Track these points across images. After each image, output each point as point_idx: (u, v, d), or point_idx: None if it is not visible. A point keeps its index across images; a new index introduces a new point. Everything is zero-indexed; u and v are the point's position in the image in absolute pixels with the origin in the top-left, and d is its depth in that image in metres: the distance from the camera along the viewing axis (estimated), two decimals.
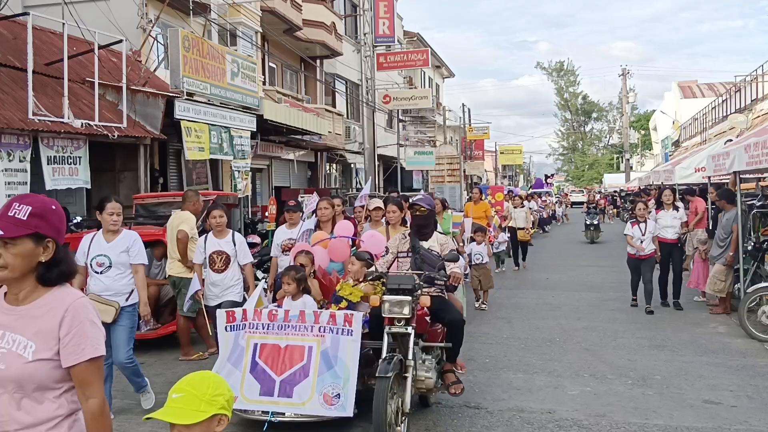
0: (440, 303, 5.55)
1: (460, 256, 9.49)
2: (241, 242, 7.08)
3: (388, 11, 28.18)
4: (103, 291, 5.62)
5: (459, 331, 5.58)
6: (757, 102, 20.17)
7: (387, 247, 5.88)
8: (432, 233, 5.80)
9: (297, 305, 5.60)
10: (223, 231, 7.05)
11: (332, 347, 5.11)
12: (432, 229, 5.84)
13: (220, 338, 5.43)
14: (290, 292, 5.69)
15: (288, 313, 5.29)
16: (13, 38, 11.60)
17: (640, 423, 5.40)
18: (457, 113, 45.92)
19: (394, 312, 5.00)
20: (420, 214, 5.77)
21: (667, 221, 10.37)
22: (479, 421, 5.51)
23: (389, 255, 5.77)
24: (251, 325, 5.32)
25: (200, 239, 7.12)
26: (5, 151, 9.17)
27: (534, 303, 11.08)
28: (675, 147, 37.20)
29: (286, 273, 5.81)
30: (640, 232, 10.03)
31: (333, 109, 23.75)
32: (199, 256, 7.07)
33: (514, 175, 73.69)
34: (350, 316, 5.16)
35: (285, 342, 5.20)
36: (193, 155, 12.91)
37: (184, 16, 14.82)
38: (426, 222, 5.79)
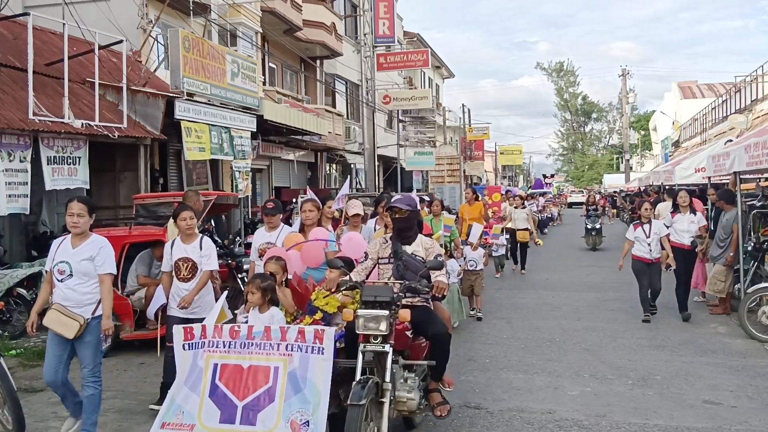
0: (424, 314, 5.07)
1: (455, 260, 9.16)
2: (209, 247, 6.26)
3: (388, 11, 28.18)
4: (63, 301, 5.11)
5: (444, 346, 5.10)
6: (757, 102, 20.17)
7: (366, 253, 5.34)
8: (416, 236, 5.27)
9: (264, 319, 5.07)
10: (192, 235, 6.27)
11: (301, 367, 4.53)
12: (415, 231, 5.30)
13: (177, 358, 4.80)
14: (253, 302, 5.16)
15: (252, 330, 4.70)
16: (13, 38, 11.61)
17: (641, 423, 5.40)
18: (457, 113, 45.95)
19: (369, 328, 4.53)
20: (400, 216, 5.19)
21: (684, 225, 9.73)
22: (479, 422, 5.52)
23: (368, 261, 5.24)
24: (211, 343, 4.71)
25: (167, 245, 6.37)
26: (6, 152, 9.17)
27: (534, 303, 11.08)
28: (675, 147, 37.20)
29: (251, 281, 5.27)
30: (644, 234, 9.30)
31: (333, 110, 23.76)
32: (167, 263, 6.28)
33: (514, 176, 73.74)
34: (321, 332, 4.56)
35: (248, 362, 4.61)
36: (193, 155, 12.91)
37: (185, 17, 14.82)
38: (407, 224, 5.22)
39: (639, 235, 9.34)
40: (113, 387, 6.69)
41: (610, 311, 10.22)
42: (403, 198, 5.39)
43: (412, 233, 5.26)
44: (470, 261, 9.98)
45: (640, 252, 9.34)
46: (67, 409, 5.31)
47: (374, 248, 5.30)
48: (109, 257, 5.22)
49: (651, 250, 9.25)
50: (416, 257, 5.13)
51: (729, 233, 9.31)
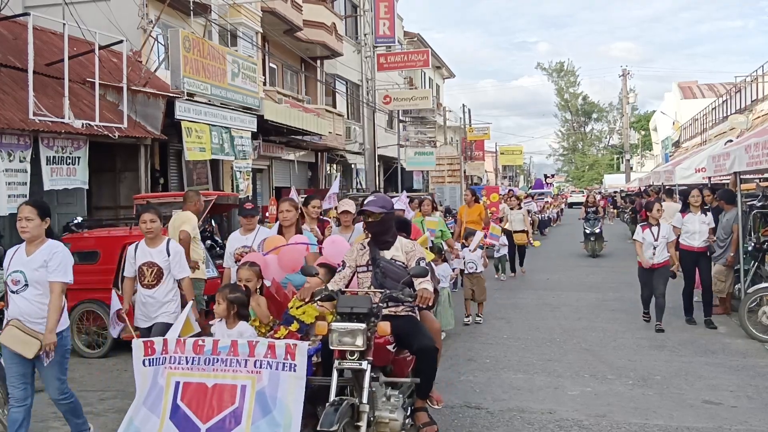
0: (409, 325, 4.66)
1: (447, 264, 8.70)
2: (177, 252, 5.80)
3: (389, 12, 28.21)
4: (20, 315, 4.63)
5: (430, 362, 4.63)
6: (758, 102, 20.17)
7: (343, 261, 4.88)
8: (394, 240, 4.83)
9: (232, 335, 4.60)
10: (156, 238, 5.80)
11: (270, 386, 4.11)
12: (394, 235, 4.85)
13: (136, 375, 4.36)
14: (219, 313, 4.70)
15: (217, 344, 4.25)
16: (13, 39, 11.62)
17: (641, 423, 5.40)
18: (457, 114, 45.97)
19: (344, 343, 4.11)
20: (373, 220, 4.73)
21: (695, 226, 9.05)
22: (480, 422, 5.52)
23: (346, 269, 4.82)
24: (173, 358, 4.27)
25: (130, 248, 5.90)
26: (6, 152, 9.19)
27: (534, 303, 11.08)
28: (675, 147, 37.21)
29: (220, 291, 4.80)
30: (652, 237, 8.76)
31: (333, 110, 23.77)
32: (129, 268, 5.87)
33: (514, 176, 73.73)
34: (293, 346, 4.12)
35: (213, 380, 4.18)
36: (193, 155, 12.92)
37: (185, 17, 14.83)
38: (382, 228, 4.76)
39: (646, 237, 8.83)
40: (113, 387, 6.70)
41: (610, 311, 10.22)
42: (376, 200, 4.83)
43: (390, 237, 4.82)
44: (469, 263, 9.54)
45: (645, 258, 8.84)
46: None
47: (351, 255, 4.87)
48: (64, 263, 4.75)
49: (655, 255, 8.75)
50: (396, 263, 4.73)
51: (729, 233, 9.30)
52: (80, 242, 8.66)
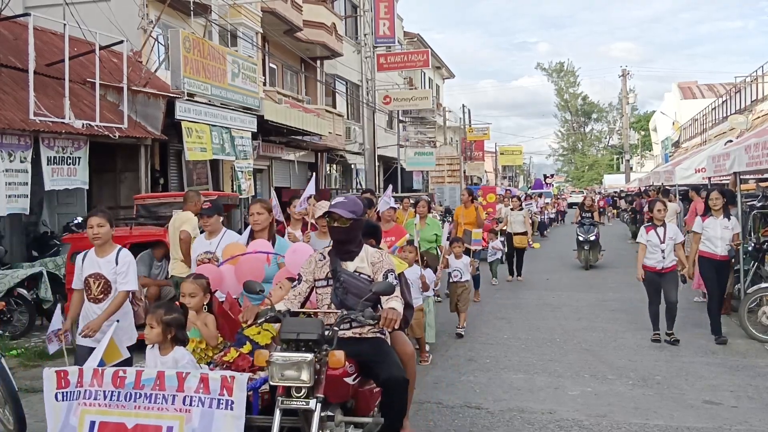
0: (376, 351, 3.99)
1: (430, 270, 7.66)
2: (127, 262, 5.07)
3: (389, 12, 28.23)
4: None
5: (399, 395, 3.95)
6: (757, 103, 20.18)
7: (300, 274, 4.19)
8: (360, 249, 4.14)
9: (166, 364, 3.93)
10: (106, 246, 5.07)
11: (202, 427, 3.49)
12: (359, 244, 4.16)
13: (47, 410, 3.72)
14: (152, 339, 3.99)
15: (141, 376, 3.59)
16: (14, 39, 11.62)
17: (641, 423, 5.41)
18: (457, 114, 45.99)
19: (287, 378, 3.43)
20: (339, 226, 4.03)
21: (717, 231, 8.07)
22: (480, 422, 5.52)
23: (302, 284, 4.13)
24: (88, 392, 3.61)
25: (78, 257, 5.18)
26: (6, 152, 9.19)
27: (534, 303, 11.08)
28: (675, 148, 37.22)
29: (152, 311, 4.05)
30: (659, 239, 7.98)
31: (333, 110, 23.78)
32: (76, 279, 5.16)
33: (514, 176, 73.73)
34: (230, 379, 3.48)
35: (134, 420, 3.54)
36: (194, 156, 12.93)
37: (185, 17, 14.84)
38: (348, 236, 4.06)
39: (652, 239, 8.03)
40: None
41: (611, 311, 10.22)
42: (346, 202, 4.09)
43: (355, 246, 4.13)
44: (454, 270, 8.76)
45: (650, 260, 8.06)
46: None
47: (308, 267, 4.15)
48: None
49: (664, 258, 7.96)
50: (360, 276, 4.05)
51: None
52: (80, 242, 8.65)
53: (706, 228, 8.19)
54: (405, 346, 4.56)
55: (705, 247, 8.18)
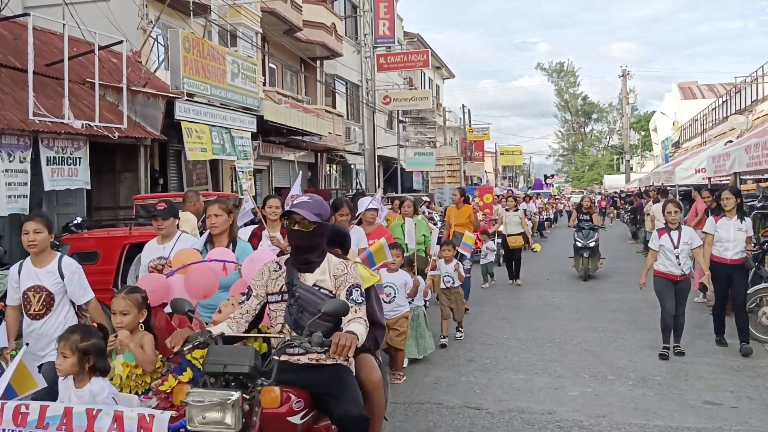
0: (332, 381, 3.37)
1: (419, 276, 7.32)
2: (74, 271, 4.58)
3: (388, 12, 28.23)
4: None
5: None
6: (758, 103, 20.18)
7: (250, 287, 3.55)
8: (322, 259, 3.49)
9: (82, 397, 3.36)
10: (45, 255, 4.56)
11: None
12: (323, 253, 3.51)
13: None
14: (65, 370, 3.38)
15: (45, 412, 3.07)
16: (13, 39, 11.62)
17: (641, 424, 5.40)
18: (457, 114, 45.99)
19: (210, 422, 2.86)
20: (301, 229, 3.40)
21: (729, 234, 7.50)
22: (480, 422, 5.51)
23: (252, 300, 3.48)
24: None
25: (13, 269, 4.65)
26: (6, 152, 9.19)
27: (534, 304, 11.07)
28: (675, 148, 37.22)
29: (64, 338, 3.41)
30: (672, 243, 7.32)
31: (333, 110, 23.78)
32: (12, 294, 4.61)
33: (514, 176, 73.74)
34: (148, 419, 2.97)
35: None
36: (195, 156, 12.93)
37: (185, 17, 14.84)
38: (309, 243, 3.44)
39: (665, 244, 7.38)
40: None
41: (611, 312, 10.21)
42: (312, 203, 3.47)
43: (317, 256, 3.49)
44: (444, 276, 8.27)
45: (664, 266, 7.40)
46: None
47: (261, 279, 3.52)
48: None
49: (680, 264, 7.30)
50: (320, 291, 3.42)
51: None
52: (80, 243, 8.65)
53: (719, 229, 7.62)
54: (371, 373, 3.68)
55: (716, 250, 7.62)
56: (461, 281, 8.45)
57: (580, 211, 14.09)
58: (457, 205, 11.04)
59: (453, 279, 8.26)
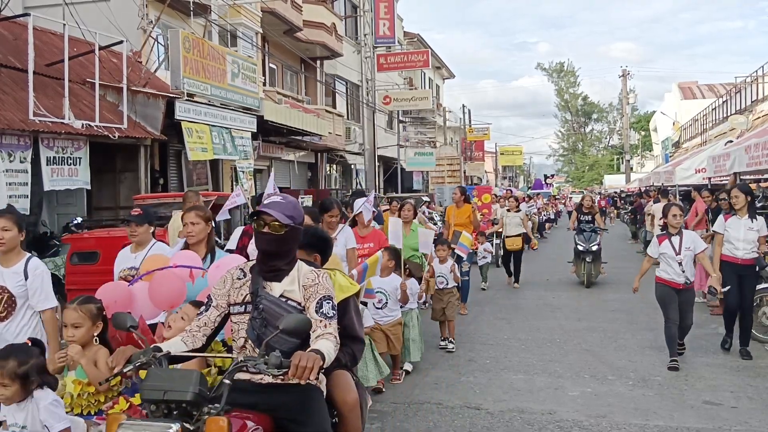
0: (298, 405, 2.98)
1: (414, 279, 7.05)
2: (39, 275, 4.26)
3: (389, 12, 28.24)
4: None
5: None
6: (758, 103, 20.18)
7: (210, 296, 3.15)
8: (292, 267, 3.11)
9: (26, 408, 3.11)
10: (12, 254, 4.25)
11: None
12: (292, 260, 3.13)
13: None
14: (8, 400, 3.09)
15: None
16: (13, 39, 11.62)
17: (641, 424, 5.40)
18: (457, 114, 46.00)
19: None
20: (271, 233, 3.02)
21: (740, 233, 7.15)
22: (480, 422, 5.51)
23: (212, 311, 3.09)
24: None
25: None
26: (6, 152, 9.20)
27: (534, 304, 11.07)
28: (675, 148, 37.22)
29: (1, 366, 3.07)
30: (673, 250, 6.89)
31: (333, 110, 23.79)
32: None
33: (514, 176, 73.75)
34: None
35: None
36: (195, 156, 12.93)
37: (185, 17, 14.84)
38: (279, 248, 3.05)
39: (665, 251, 6.93)
40: None
41: (611, 312, 10.21)
42: (285, 203, 3.09)
43: (286, 263, 3.10)
44: (438, 277, 7.93)
45: (667, 274, 6.95)
46: None
47: (222, 287, 3.12)
48: None
49: (683, 271, 6.86)
50: (287, 303, 3.03)
51: None
52: (80, 242, 8.67)
53: (728, 228, 7.28)
54: (346, 393, 3.35)
55: (725, 250, 7.30)
56: (456, 282, 8.21)
57: (581, 212, 13.11)
58: (457, 204, 10.73)
59: (447, 280, 7.94)
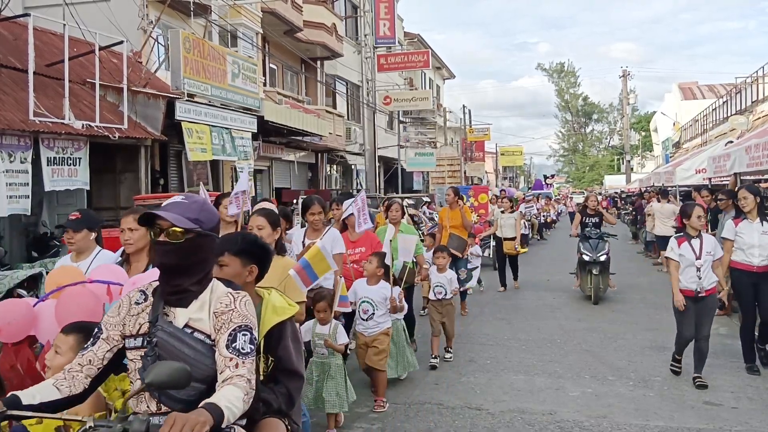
0: None
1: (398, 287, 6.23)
2: None
3: (389, 12, 28.24)
4: None
5: None
6: (758, 103, 20.16)
7: (100, 326, 2.48)
8: (205, 287, 2.46)
9: None
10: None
11: None
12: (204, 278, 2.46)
13: None
14: None
15: None
16: (14, 39, 11.62)
17: (641, 424, 5.40)
18: (457, 114, 46.00)
19: None
20: (167, 241, 2.37)
21: (753, 238, 6.59)
22: (480, 423, 5.51)
23: (99, 345, 2.43)
24: None
25: None
26: (6, 152, 9.19)
27: (534, 304, 11.07)
28: (675, 148, 37.19)
29: None
30: (693, 254, 6.25)
31: (333, 111, 23.79)
32: None
33: (514, 177, 73.72)
34: None
35: None
36: (195, 156, 12.93)
37: (185, 17, 14.84)
38: (180, 262, 2.39)
39: (685, 254, 6.29)
40: None
41: (611, 312, 10.21)
42: (187, 203, 2.43)
43: (194, 282, 2.42)
44: (436, 286, 7.34)
45: (684, 281, 6.34)
46: None
47: (116, 315, 2.47)
48: None
49: (699, 278, 6.23)
50: (192, 335, 2.38)
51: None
52: None
53: (740, 234, 6.70)
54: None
55: (738, 257, 6.70)
56: (455, 294, 7.63)
57: (585, 214, 11.33)
58: (450, 206, 9.98)
59: (445, 290, 7.31)
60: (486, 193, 19.30)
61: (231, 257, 2.77)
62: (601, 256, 10.70)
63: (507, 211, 13.08)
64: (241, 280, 2.70)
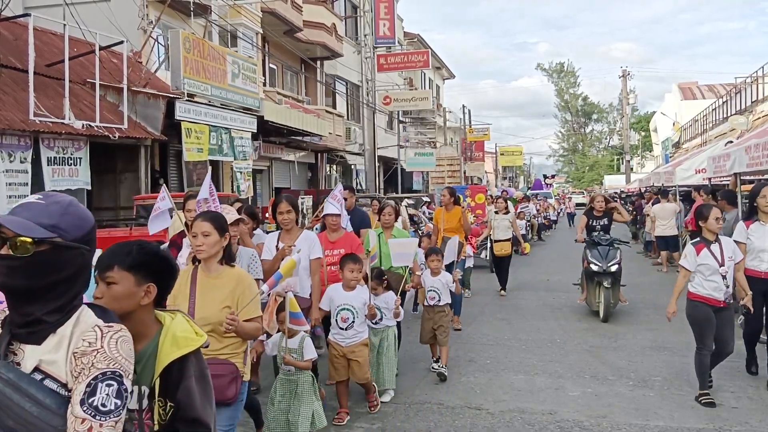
0: None
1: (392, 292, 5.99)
2: None
3: (389, 12, 28.25)
4: None
5: None
6: (758, 103, 20.17)
7: None
8: (68, 316, 1.76)
9: None
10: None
11: None
12: (65, 303, 1.76)
13: None
14: None
15: None
16: (14, 39, 11.63)
17: (641, 424, 5.40)
18: (457, 114, 46.01)
19: None
20: (12, 255, 1.69)
21: (765, 243, 6.15)
22: (480, 422, 5.51)
23: None
24: None
25: None
26: (6, 152, 9.20)
27: (534, 304, 11.07)
28: (675, 148, 37.20)
29: None
30: (717, 261, 5.65)
31: (333, 111, 23.81)
32: None
33: (514, 177, 73.74)
34: None
35: None
36: (191, 156, 12.95)
37: (185, 18, 14.84)
38: (31, 282, 1.71)
39: (707, 262, 5.66)
40: None
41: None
42: (43, 205, 1.77)
43: (52, 310, 1.75)
44: (430, 291, 6.81)
45: (704, 288, 5.69)
46: None
47: None
48: None
49: (727, 286, 5.66)
50: (42, 383, 1.69)
51: (729, 234, 9.25)
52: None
53: (751, 236, 6.23)
54: None
55: (749, 262, 6.24)
56: (457, 293, 7.31)
57: (592, 216, 9.87)
58: (446, 207, 9.53)
59: (439, 295, 6.78)
60: (483, 193, 18.87)
61: (122, 272, 2.02)
62: (612, 266, 9.21)
63: (501, 212, 12.57)
64: (133, 303, 2.02)
